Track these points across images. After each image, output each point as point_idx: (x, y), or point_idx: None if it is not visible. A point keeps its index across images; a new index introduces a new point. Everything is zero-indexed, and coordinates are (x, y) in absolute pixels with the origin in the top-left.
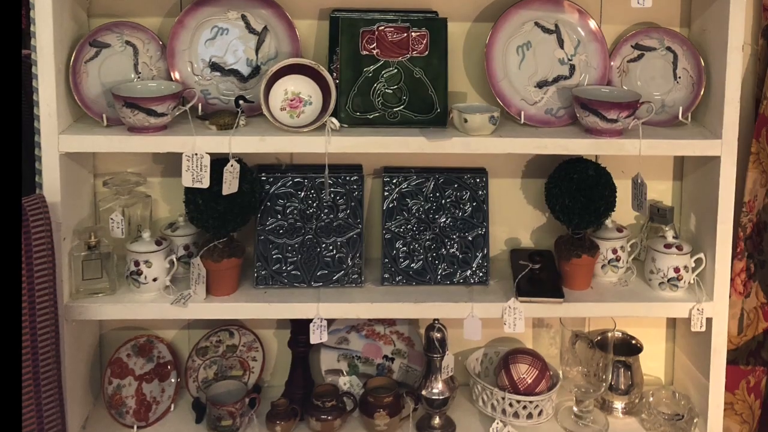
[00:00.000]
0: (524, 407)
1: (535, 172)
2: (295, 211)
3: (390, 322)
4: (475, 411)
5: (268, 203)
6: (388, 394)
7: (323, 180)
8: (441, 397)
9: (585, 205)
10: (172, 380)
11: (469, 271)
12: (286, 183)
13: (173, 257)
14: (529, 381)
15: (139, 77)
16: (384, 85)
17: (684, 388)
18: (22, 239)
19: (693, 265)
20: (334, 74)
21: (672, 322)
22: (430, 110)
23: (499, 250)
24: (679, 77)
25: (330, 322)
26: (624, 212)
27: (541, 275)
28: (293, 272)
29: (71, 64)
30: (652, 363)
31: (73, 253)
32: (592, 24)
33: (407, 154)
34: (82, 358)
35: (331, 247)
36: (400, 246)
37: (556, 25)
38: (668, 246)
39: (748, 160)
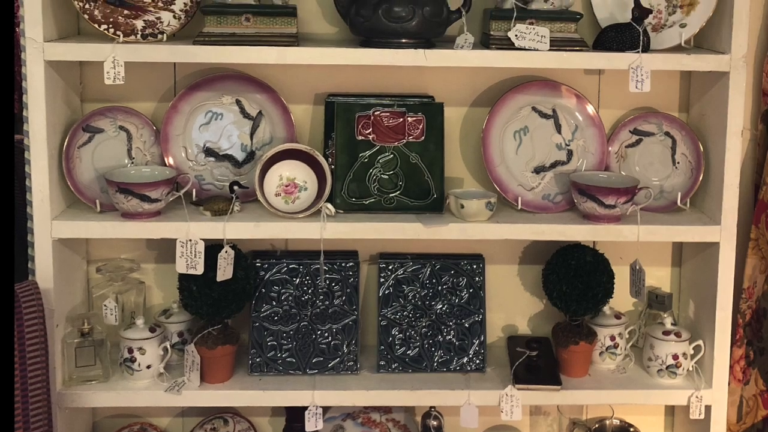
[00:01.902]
0: None
1: (533, 259)
2: (290, 298)
3: (386, 410)
4: None
5: (263, 290)
6: None
7: (318, 266)
8: None
9: (583, 292)
10: None
11: (465, 359)
12: (281, 269)
13: (167, 344)
14: None
15: (132, 162)
16: (380, 171)
17: None
18: (14, 326)
19: (692, 352)
20: (330, 159)
21: (671, 410)
22: (426, 196)
23: (496, 337)
24: (678, 162)
25: (325, 409)
26: (622, 299)
27: (538, 362)
28: (288, 359)
29: (64, 149)
30: None
31: (66, 340)
32: (590, 109)
33: (403, 240)
34: None
35: (326, 334)
36: (396, 333)
37: (554, 110)
38: (667, 333)
39: (747, 246)
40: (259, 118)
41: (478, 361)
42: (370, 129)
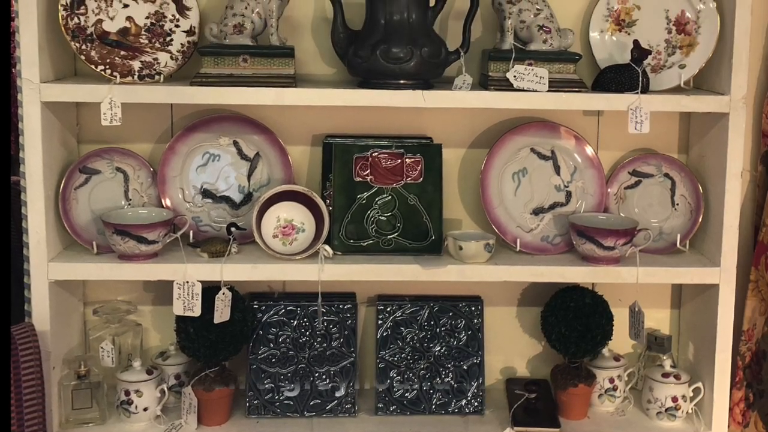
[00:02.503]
0: None
1: (531, 300)
2: (288, 340)
3: None
4: None
5: (261, 332)
6: None
7: (316, 308)
8: None
9: (582, 334)
10: None
11: (464, 401)
12: (279, 311)
13: (164, 386)
14: None
15: (129, 204)
16: (378, 212)
17: None
18: (11, 368)
19: (691, 394)
20: (328, 201)
21: None
22: (424, 237)
23: (494, 379)
24: (677, 204)
25: None
26: (621, 341)
27: (537, 405)
28: (286, 402)
29: (61, 190)
30: None
31: (62, 382)
32: (589, 150)
33: (402, 282)
34: None
35: (324, 377)
36: (395, 375)
37: (553, 152)
38: (666, 375)
39: (747, 288)
40: (257, 159)
41: (476, 404)
42: (368, 170)
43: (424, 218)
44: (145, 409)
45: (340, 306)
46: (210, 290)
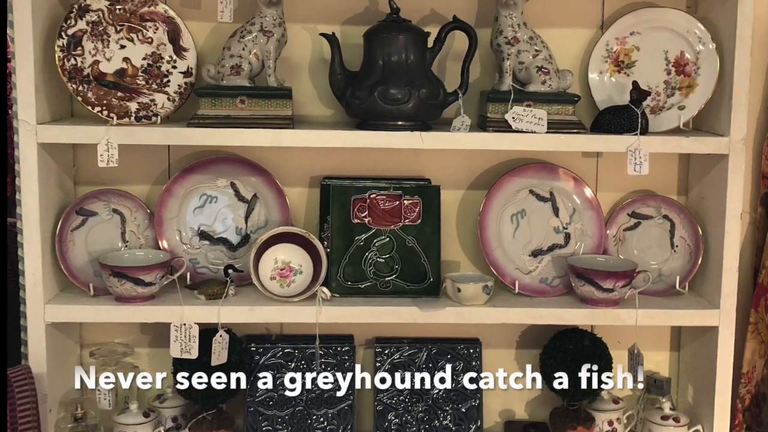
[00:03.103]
0: None
1: (530, 343)
2: (286, 383)
3: None
4: None
5: (258, 374)
6: None
7: (314, 351)
8: None
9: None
10: None
11: None
12: (276, 353)
13: (161, 429)
14: None
15: (126, 246)
16: (376, 254)
17: None
18: (7, 411)
19: None
20: (325, 243)
21: None
22: (422, 279)
23: (493, 422)
24: (677, 246)
25: None
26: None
27: None
28: None
29: (57, 232)
30: None
31: (59, 425)
32: (588, 192)
33: (400, 324)
34: None
35: (322, 419)
36: (393, 418)
37: (551, 193)
38: (665, 418)
39: (747, 330)
40: (254, 201)
41: None
42: (366, 212)
43: (423, 260)
44: None
45: (338, 348)
46: (207, 332)
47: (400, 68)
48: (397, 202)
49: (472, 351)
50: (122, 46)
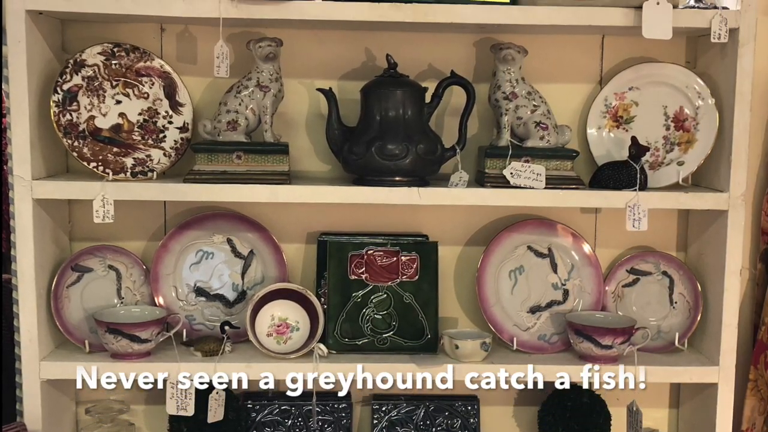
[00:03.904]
0: None
1: (528, 400)
2: None
3: None
4: None
5: (255, 431)
6: None
7: (311, 408)
8: None
9: None
10: None
11: None
12: (273, 410)
13: None
14: None
15: (122, 302)
16: (373, 311)
17: None
18: None
19: None
20: (322, 299)
21: None
22: (420, 336)
23: None
24: (676, 302)
25: None
26: None
27: None
28: None
29: (53, 289)
30: None
31: None
32: (587, 248)
33: (397, 381)
34: None
35: None
36: None
37: (550, 249)
38: None
39: (746, 387)
40: (251, 257)
41: None
42: (363, 268)
43: (420, 316)
44: None
45: (335, 405)
46: (204, 389)
47: (398, 123)
48: (395, 259)
49: (470, 408)
50: (118, 102)
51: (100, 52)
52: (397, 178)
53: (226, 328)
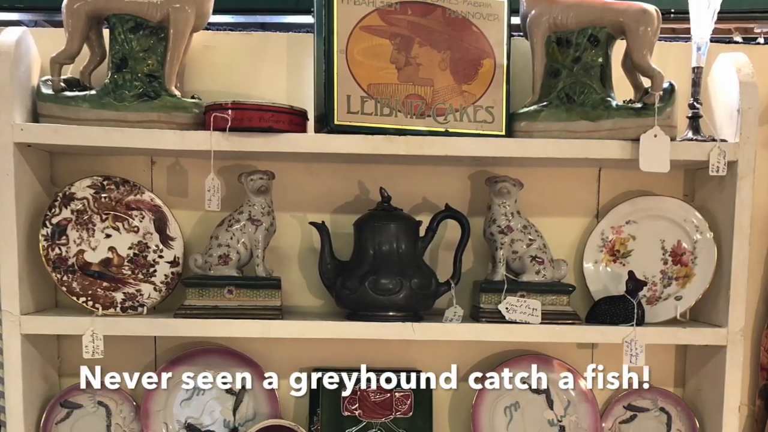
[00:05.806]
0: None
1: None
2: None
3: None
4: None
5: None
6: None
7: None
8: None
9: None
10: None
11: None
12: None
13: None
14: None
15: None
16: None
17: None
18: None
19: None
20: None
21: None
22: None
23: None
24: None
25: None
26: None
27: None
28: None
29: (41, 425)
30: None
31: None
32: (583, 384)
33: None
34: None
35: None
36: None
37: (546, 385)
38: None
39: None
40: (243, 393)
41: None
42: (357, 405)
43: None
44: None
45: None
46: None
47: (392, 258)
48: (389, 395)
49: None
50: (108, 235)
51: (89, 185)
52: (391, 313)
53: None
